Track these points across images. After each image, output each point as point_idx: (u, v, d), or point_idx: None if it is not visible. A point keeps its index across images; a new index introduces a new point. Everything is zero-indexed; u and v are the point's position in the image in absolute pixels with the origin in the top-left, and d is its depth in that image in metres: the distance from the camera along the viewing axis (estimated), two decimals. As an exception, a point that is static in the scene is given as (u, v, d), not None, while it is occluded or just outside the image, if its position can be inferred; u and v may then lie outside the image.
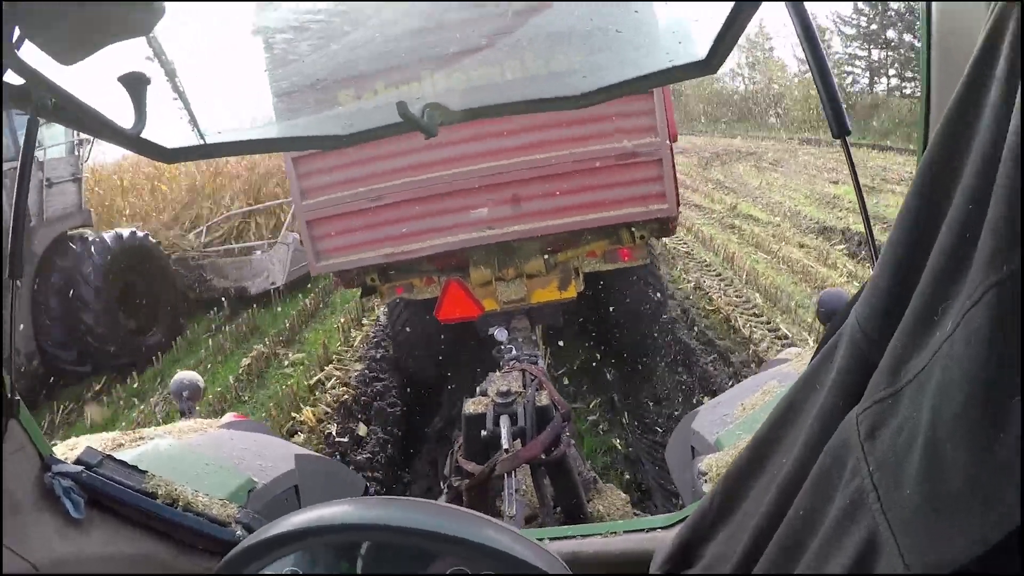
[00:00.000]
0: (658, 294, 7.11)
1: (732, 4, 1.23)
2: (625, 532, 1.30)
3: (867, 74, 37.85)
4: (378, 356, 8.50)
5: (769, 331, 7.97)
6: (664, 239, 10.05)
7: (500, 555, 0.96)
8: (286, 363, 9.07)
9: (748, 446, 0.89)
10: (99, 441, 1.85)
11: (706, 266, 11.68)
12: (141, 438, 1.93)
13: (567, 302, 6.43)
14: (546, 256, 6.24)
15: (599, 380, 7.29)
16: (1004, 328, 0.47)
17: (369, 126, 1.76)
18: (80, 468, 1.33)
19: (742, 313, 8.75)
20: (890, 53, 36.85)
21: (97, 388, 9.03)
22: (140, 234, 10.42)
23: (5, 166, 7.54)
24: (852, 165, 1.26)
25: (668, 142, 5.62)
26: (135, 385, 8.99)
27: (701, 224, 14.84)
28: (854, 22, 37.35)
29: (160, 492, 1.40)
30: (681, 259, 12.24)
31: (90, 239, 9.46)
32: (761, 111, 38.63)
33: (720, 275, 10.96)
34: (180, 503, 1.41)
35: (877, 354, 0.64)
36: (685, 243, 13.39)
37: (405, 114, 1.44)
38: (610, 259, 6.37)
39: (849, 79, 37.03)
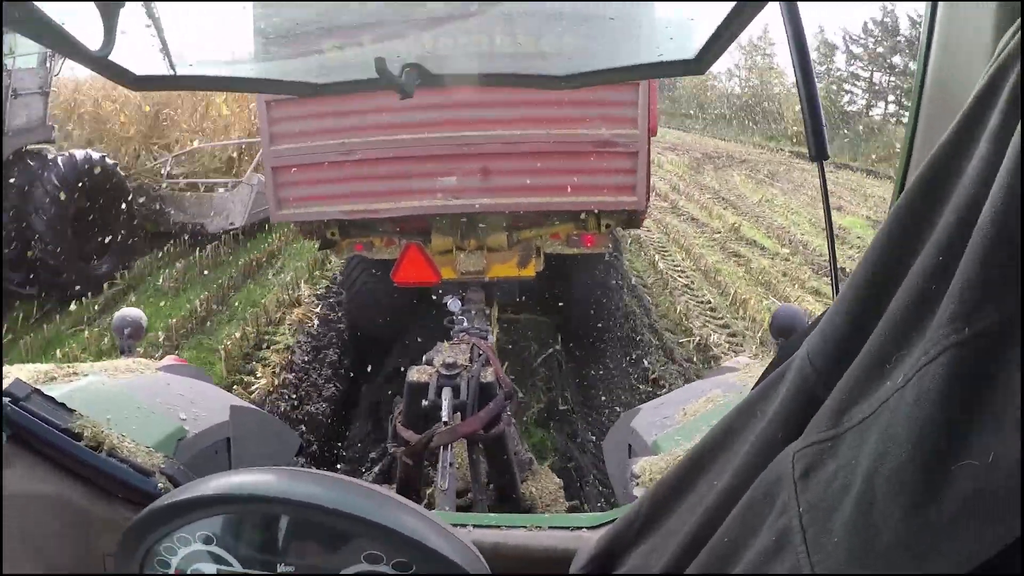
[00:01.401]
0: (616, 283, 7.12)
1: (731, 5, 1.22)
2: (550, 528, 1.29)
3: (866, 96, 37.97)
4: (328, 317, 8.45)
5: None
6: (661, 267, 9.92)
7: (418, 546, 0.94)
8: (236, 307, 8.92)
9: (682, 461, 0.87)
10: (31, 372, 1.79)
11: (711, 312, 9.39)
12: (75, 373, 1.86)
13: (525, 280, 6.43)
14: (509, 232, 6.23)
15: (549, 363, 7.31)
16: (957, 392, 0.46)
17: (346, 79, 1.71)
18: (6, 401, 1.28)
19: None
20: (893, 79, 36.91)
21: (37, 315, 8.72)
22: (97, 156, 10.00)
23: None
24: (825, 189, 1.25)
25: (647, 135, 5.61)
26: (77, 314, 8.73)
27: (701, 246, 12.80)
28: (862, 41, 37.45)
29: (86, 434, 1.35)
30: (681, 294, 9.94)
31: (49, 157, 9.13)
32: (755, 116, 38.40)
33: (729, 328, 8.80)
34: (105, 447, 1.36)
35: (823, 391, 0.63)
36: (683, 271, 11.17)
37: (382, 70, 1.40)
38: (573, 243, 6.38)
39: (847, 98, 37.11)
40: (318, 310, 8.67)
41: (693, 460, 0.85)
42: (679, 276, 10.79)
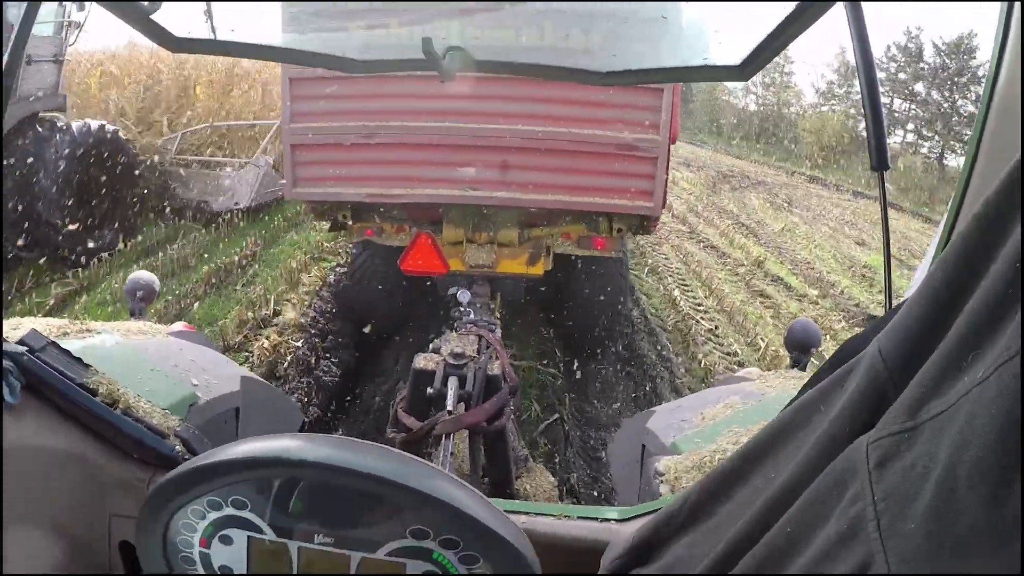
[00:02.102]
0: (621, 290, 7.10)
1: (786, 7, 1.20)
2: (579, 518, 1.28)
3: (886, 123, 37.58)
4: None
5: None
6: (682, 305, 9.57)
7: (473, 523, 0.93)
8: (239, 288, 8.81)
9: (734, 455, 0.88)
10: (44, 326, 1.78)
11: (739, 367, 7.76)
12: (88, 330, 1.85)
13: (532, 278, 6.42)
14: (521, 228, 6.22)
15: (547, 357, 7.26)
16: None
17: (383, 57, 1.71)
18: (23, 349, 1.27)
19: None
20: (914, 107, 35.89)
21: (36, 280, 8.61)
22: (110, 128, 9.97)
23: None
24: (884, 200, 1.25)
25: (667, 142, 5.60)
26: (75, 283, 8.67)
27: (724, 280, 11.66)
28: (883, 66, 36.27)
29: (101, 390, 1.34)
30: (705, 342, 8.77)
31: (59, 125, 9.05)
32: (771, 135, 37.31)
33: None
34: (120, 405, 1.35)
35: (896, 388, 0.63)
36: (706, 311, 9.97)
37: (429, 51, 1.39)
38: (584, 245, 6.36)
39: (864, 124, 36.52)
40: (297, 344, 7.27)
41: (747, 455, 0.86)
42: (702, 318, 9.59)
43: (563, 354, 7.43)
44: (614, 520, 1.28)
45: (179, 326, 2.50)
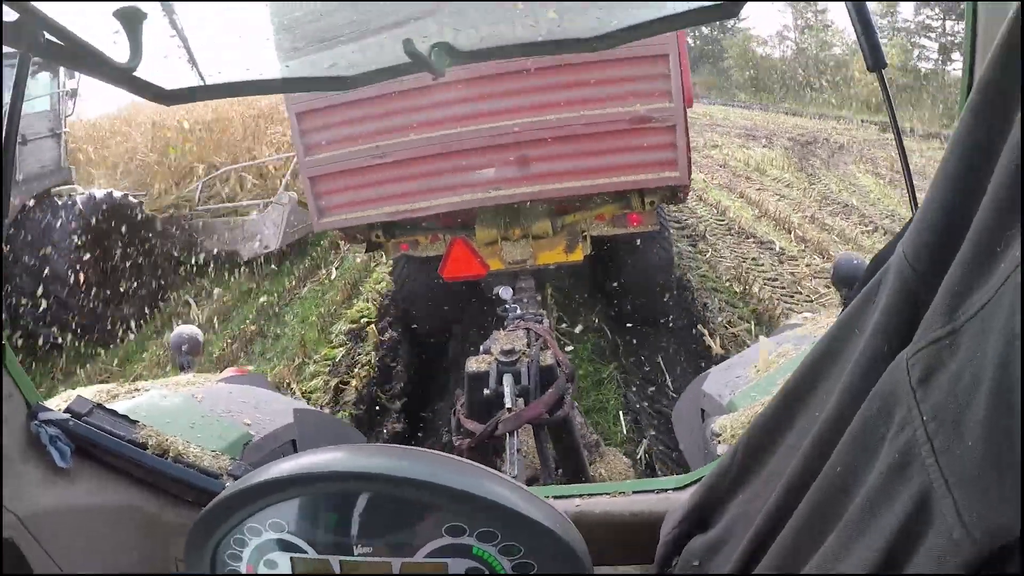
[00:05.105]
0: (665, 260, 7.02)
1: None
2: (634, 492, 1.26)
3: (938, 51, 32.72)
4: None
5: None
6: None
7: (505, 511, 0.91)
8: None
9: (774, 400, 0.83)
10: (94, 392, 1.82)
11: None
12: (137, 390, 1.89)
13: (573, 264, 6.37)
14: (553, 218, 6.17)
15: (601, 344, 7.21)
16: None
17: (374, 67, 1.69)
18: (67, 416, 1.29)
19: None
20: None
21: (62, 365, 8.40)
22: (118, 194, 9.70)
23: None
24: (888, 99, 1.23)
25: (682, 107, 5.49)
26: (100, 362, 8.49)
27: None
28: None
29: (150, 443, 1.37)
30: None
31: (59, 203, 8.78)
32: (819, 83, 33.06)
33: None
34: (171, 454, 1.37)
35: (928, 292, 0.58)
36: None
37: (412, 52, 1.38)
38: (619, 224, 6.28)
39: (916, 53, 31.90)
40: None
41: (787, 397, 0.81)
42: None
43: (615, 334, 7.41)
44: (671, 489, 1.26)
45: (229, 371, 2.53)
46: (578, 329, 7.39)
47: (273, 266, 11.03)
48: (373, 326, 7.72)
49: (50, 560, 1.22)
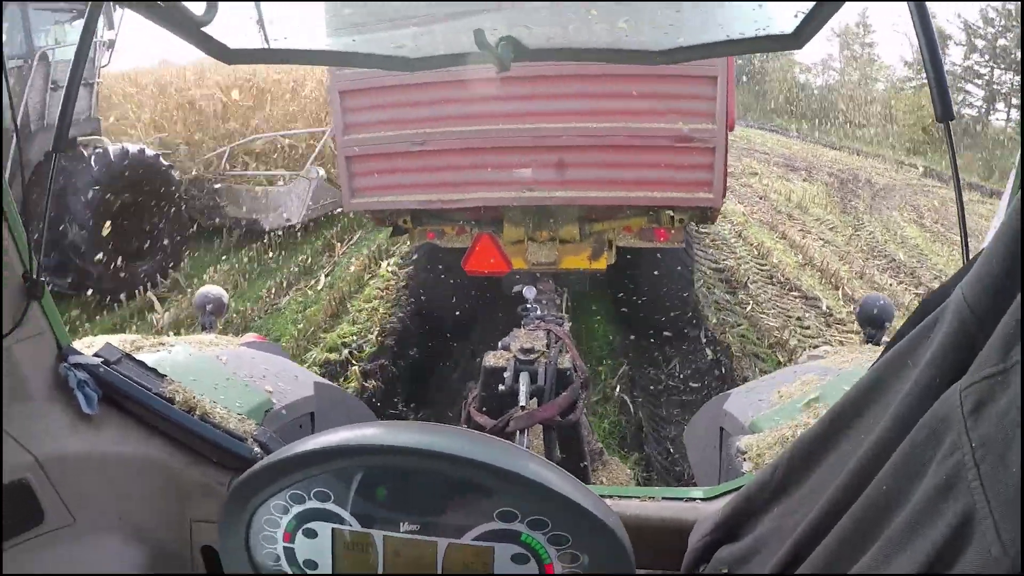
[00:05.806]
0: (687, 278, 7.05)
1: None
2: (664, 499, 1.27)
3: (985, 97, 31.53)
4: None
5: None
6: None
7: (560, 501, 0.92)
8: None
9: (819, 422, 0.86)
10: (119, 341, 1.83)
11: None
12: (161, 343, 1.90)
13: (595, 272, 6.39)
14: (581, 224, 6.18)
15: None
16: None
17: (440, 53, 1.70)
18: (98, 361, 1.29)
19: None
20: (1017, 77, 30.77)
21: (74, 314, 8.11)
22: (150, 152, 9.52)
23: (10, 63, 6.97)
24: (952, 150, 1.26)
25: (724, 131, 5.48)
26: (110, 319, 8.33)
27: None
28: (981, 31, 31.31)
29: (178, 399, 1.37)
30: None
31: (87, 153, 8.57)
32: (859, 117, 31.95)
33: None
34: (197, 412, 1.38)
35: (984, 333, 0.62)
36: None
37: (482, 42, 1.38)
38: (646, 237, 6.28)
39: (961, 97, 30.45)
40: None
41: (834, 419, 0.85)
42: None
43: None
44: (699, 499, 1.27)
45: (250, 336, 2.54)
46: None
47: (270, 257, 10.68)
48: (356, 368, 6.81)
49: (63, 507, 1.22)
